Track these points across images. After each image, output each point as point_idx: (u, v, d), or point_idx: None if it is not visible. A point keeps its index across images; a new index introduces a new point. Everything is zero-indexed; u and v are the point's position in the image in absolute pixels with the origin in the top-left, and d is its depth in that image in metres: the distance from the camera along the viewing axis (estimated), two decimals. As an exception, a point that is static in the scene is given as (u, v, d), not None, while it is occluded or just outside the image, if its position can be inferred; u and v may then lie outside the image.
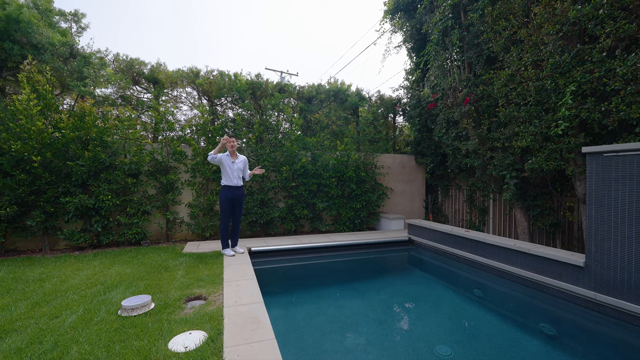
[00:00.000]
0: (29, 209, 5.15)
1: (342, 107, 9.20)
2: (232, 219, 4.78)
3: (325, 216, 7.36)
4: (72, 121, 5.27)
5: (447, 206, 8.43)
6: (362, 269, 5.67)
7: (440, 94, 6.72)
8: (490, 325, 3.51)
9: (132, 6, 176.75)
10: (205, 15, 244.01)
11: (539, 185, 5.50)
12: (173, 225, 6.22)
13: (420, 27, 7.70)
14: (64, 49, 5.96)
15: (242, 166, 4.67)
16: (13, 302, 2.98)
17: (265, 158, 6.62)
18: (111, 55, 6.99)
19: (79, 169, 5.17)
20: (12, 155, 4.87)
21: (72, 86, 6.09)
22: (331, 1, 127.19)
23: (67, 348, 2.15)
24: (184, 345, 2.16)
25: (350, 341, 3.08)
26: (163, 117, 6.18)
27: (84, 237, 5.33)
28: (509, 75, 4.93)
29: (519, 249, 4.24)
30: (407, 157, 8.62)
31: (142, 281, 3.54)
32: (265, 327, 2.45)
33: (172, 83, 7.49)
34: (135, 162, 5.65)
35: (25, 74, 5.11)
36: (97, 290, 3.25)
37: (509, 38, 5.04)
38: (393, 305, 4.17)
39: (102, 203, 5.30)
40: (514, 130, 5.03)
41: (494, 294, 4.37)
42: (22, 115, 4.88)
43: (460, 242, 5.31)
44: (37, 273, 3.90)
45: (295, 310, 3.78)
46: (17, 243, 5.33)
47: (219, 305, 2.87)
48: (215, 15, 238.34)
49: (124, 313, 2.69)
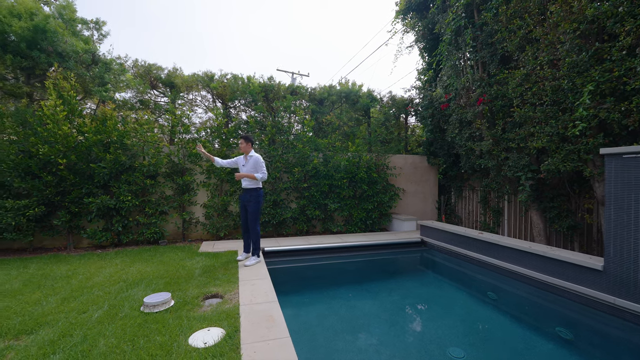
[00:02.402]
0: (55, 209, 5.42)
1: (354, 108, 9.22)
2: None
3: (337, 217, 7.41)
4: (95, 125, 5.51)
5: (460, 207, 8.33)
6: (374, 270, 5.69)
7: (453, 94, 6.65)
8: (504, 329, 3.49)
9: (144, 11, 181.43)
10: (217, 18, 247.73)
11: (556, 187, 5.38)
12: (189, 225, 6.40)
13: (432, 26, 7.64)
14: (86, 56, 6.25)
15: (251, 168, 4.28)
16: (44, 297, 3.17)
17: (278, 159, 6.73)
18: (130, 61, 7.28)
19: (101, 171, 5.41)
20: (39, 158, 5.14)
21: (94, 91, 6.37)
22: (343, 2, 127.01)
23: (95, 341, 2.29)
24: (203, 341, 2.26)
25: (363, 342, 3.13)
26: (179, 120, 6.38)
27: (106, 236, 5.56)
28: (524, 75, 4.85)
29: (535, 252, 4.17)
30: (419, 157, 8.57)
31: (162, 279, 3.69)
32: (280, 326, 2.53)
33: (188, 87, 7.71)
34: (154, 164, 5.85)
35: (52, 81, 5.38)
36: (120, 288, 3.41)
37: (524, 37, 4.96)
38: (405, 307, 4.18)
39: (123, 203, 5.52)
40: (529, 131, 4.95)
41: (508, 297, 4.32)
42: (49, 120, 5.15)
43: (473, 244, 5.26)
44: (64, 270, 4.11)
45: (307, 310, 3.85)
46: (44, 241, 5.61)
47: (235, 304, 2.97)
48: (227, 17, 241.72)
49: (146, 309, 2.82)
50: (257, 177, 4.20)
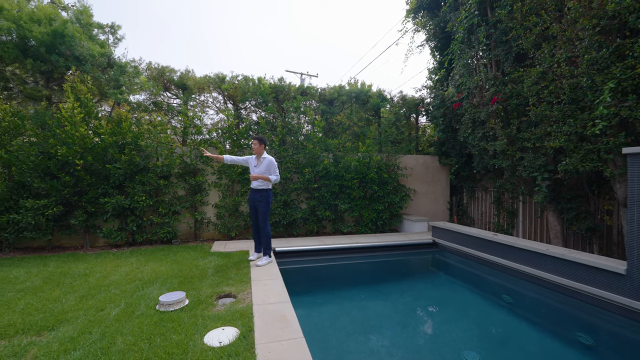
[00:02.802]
0: (72, 209, 5.56)
1: (364, 108, 9.18)
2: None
3: (347, 217, 7.38)
4: (110, 127, 5.64)
5: (472, 208, 8.19)
6: (385, 271, 5.64)
7: (465, 94, 6.55)
8: (521, 333, 3.41)
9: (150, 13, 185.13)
10: (224, 21, 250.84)
11: (574, 187, 5.23)
12: (201, 225, 6.48)
13: (444, 25, 7.54)
14: (102, 60, 6.40)
15: (264, 169, 4.29)
16: (63, 294, 3.25)
17: (288, 160, 6.75)
18: (144, 63, 7.43)
19: (116, 172, 5.52)
20: (58, 159, 5.29)
21: (110, 94, 6.52)
22: (349, 4, 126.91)
23: (113, 339, 2.33)
24: (218, 340, 2.28)
25: (375, 343, 3.10)
26: (191, 121, 6.47)
27: (121, 236, 5.68)
28: (541, 73, 4.73)
29: (552, 254, 4.06)
30: (430, 157, 8.46)
31: (176, 278, 3.74)
32: (294, 326, 2.53)
33: (200, 89, 7.82)
34: (167, 164, 5.95)
35: (70, 84, 5.53)
36: (136, 286, 3.47)
37: (540, 34, 4.85)
38: (417, 309, 4.13)
39: (137, 203, 5.63)
40: (546, 130, 4.83)
41: (525, 300, 4.22)
42: (67, 122, 5.29)
43: (487, 245, 5.16)
44: (82, 268, 4.21)
45: (319, 311, 3.84)
46: (61, 240, 5.77)
47: (248, 303, 2.98)
48: (234, 20, 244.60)
49: (161, 308, 2.86)
50: (271, 179, 4.23)
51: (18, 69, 6.16)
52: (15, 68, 6.16)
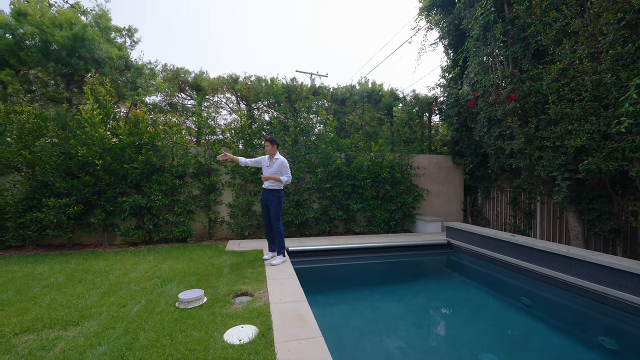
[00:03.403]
0: (91, 208, 5.72)
1: (376, 108, 9.12)
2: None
3: (360, 217, 7.35)
4: (128, 127, 5.77)
5: (487, 209, 8.03)
6: (399, 272, 5.60)
7: (481, 92, 6.42)
8: (540, 336, 3.32)
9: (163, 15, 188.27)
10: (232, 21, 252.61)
11: (596, 188, 5.07)
12: (215, 224, 6.57)
13: (458, 22, 7.42)
14: (120, 62, 6.56)
15: (275, 170, 4.32)
16: (86, 291, 3.34)
17: (301, 160, 6.77)
18: (160, 65, 7.59)
19: (134, 171, 5.65)
20: (78, 159, 5.45)
21: (127, 95, 6.68)
22: (360, 2, 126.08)
23: (136, 335, 2.38)
24: (238, 337, 2.30)
25: (390, 344, 3.08)
26: (205, 122, 6.56)
27: (138, 234, 5.81)
28: (561, 70, 4.60)
29: (574, 256, 3.94)
30: (443, 157, 8.34)
31: (193, 276, 3.79)
32: (311, 325, 2.53)
33: (214, 89, 7.92)
34: (182, 164, 6.05)
35: (90, 86, 5.68)
36: (155, 284, 3.55)
37: (560, 30, 4.71)
38: (432, 310, 4.08)
39: (153, 203, 5.74)
40: (566, 129, 4.69)
41: (544, 303, 4.11)
42: (87, 123, 5.44)
43: (504, 246, 5.05)
44: (102, 265, 4.33)
45: (332, 310, 3.84)
46: (81, 238, 5.94)
47: (265, 302, 3.00)
48: (244, 19, 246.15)
49: (181, 305, 2.91)
50: (282, 180, 4.25)
51: (40, 72, 6.38)
52: (37, 71, 6.38)
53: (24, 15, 5.74)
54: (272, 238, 4.52)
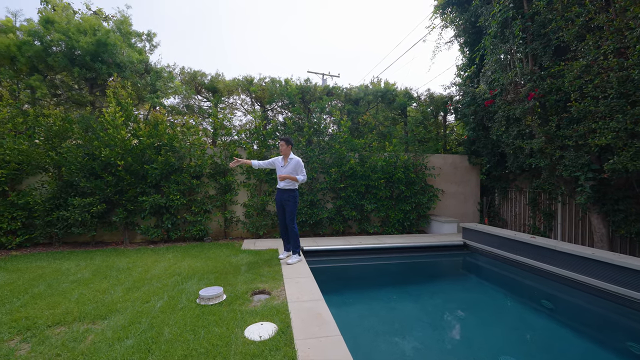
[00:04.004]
0: (113, 207, 5.92)
1: (390, 108, 9.05)
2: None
3: (374, 218, 7.32)
4: (148, 129, 5.95)
5: (505, 209, 7.85)
6: (414, 273, 5.55)
7: (498, 90, 6.29)
8: (563, 340, 3.23)
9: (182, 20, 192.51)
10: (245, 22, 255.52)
11: (622, 188, 4.88)
12: (230, 224, 6.68)
13: (475, 20, 7.29)
14: (140, 66, 6.78)
15: (291, 169, 4.35)
16: (111, 286, 3.47)
17: (315, 160, 6.80)
18: (177, 69, 7.80)
19: (153, 172, 5.82)
20: (101, 160, 5.65)
21: (147, 98, 6.89)
22: (372, 3, 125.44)
23: (160, 329, 2.46)
24: (258, 334, 2.35)
25: (406, 345, 3.06)
26: (221, 123, 6.69)
27: (157, 232, 5.97)
28: (584, 66, 4.46)
29: (599, 259, 3.81)
30: (459, 157, 8.21)
31: (212, 274, 3.88)
32: (330, 324, 2.55)
33: (229, 91, 8.06)
34: (199, 165, 6.19)
35: (112, 90, 5.89)
36: (176, 281, 3.65)
37: (583, 25, 4.57)
38: (449, 311, 4.03)
39: (172, 202, 5.90)
40: (589, 127, 4.54)
41: (567, 306, 4.00)
42: (110, 125, 5.64)
43: (524, 248, 4.93)
44: (125, 263, 4.48)
45: (348, 310, 3.84)
46: (104, 236, 6.16)
47: (282, 300, 3.04)
48: (256, 21, 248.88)
49: (201, 302, 2.99)
50: (298, 179, 4.28)
51: (66, 76, 6.66)
52: (63, 76, 6.66)
53: (51, 23, 6.01)
54: (288, 237, 4.56)
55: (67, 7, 6.59)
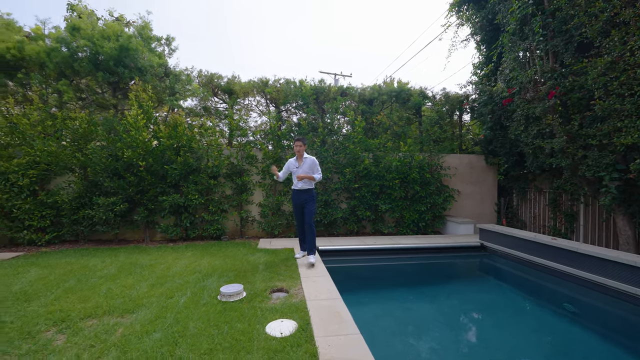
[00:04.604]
0: (135, 206, 6.13)
1: (404, 107, 8.99)
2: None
3: (388, 218, 7.30)
4: (168, 131, 6.13)
5: (523, 210, 7.66)
6: (430, 274, 5.50)
7: (517, 88, 6.15)
8: (586, 344, 3.16)
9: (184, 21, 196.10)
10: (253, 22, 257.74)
11: (649, 189, 4.69)
12: (246, 223, 6.80)
13: (492, 17, 7.16)
14: (160, 70, 7.01)
15: (307, 169, 4.37)
16: (136, 282, 3.62)
17: (329, 160, 6.84)
18: (195, 71, 8.00)
19: (173, 172, 5.99)
20: (124, 161, 5.86)
21: (166, 101, 7.11)
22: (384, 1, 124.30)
23: (186, 324, 2.56)
24: (279, 331, 2.41)
25: (423, 345, 3.07)
26: (237, 124, 6.83)
27: (176, 231, 6.15)
28: (609, 63, 4.32)
29: (625, 262, 3.69)
30: (475, 157, 8.07)
31: (231, 272, 3.98)
32: (349, 322, 2.59)
33: (245, 93, 8.22)
34: (216, 165, 6.34)
35: (134, 93, 6.11)
36: (197, 278, 3.76)
37: (608, 20, 4.42)
38: (466, 312, 3.99)
39: (190, 202, 6.06)
40: (615, 125, 4.39)
41: (589, 310, 3.89)
42: (132, 127, 5.85)
43: (544, 250, 4.82)
44: (147, 260, 4.65)
45: (364, 309, 3.86)
46: (126, 234, 6.39)
47: (301, 299, 3.10)
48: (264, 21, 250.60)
49: (222, 298, 3.08)
50: (315, 178, 4.32)
51: (90, 81, 6.94)
52: (88, 80, 6.95)
53: (77, 30, 6.29)
54: (304, 237, 4.59)
55: (91, 13, 6.87)
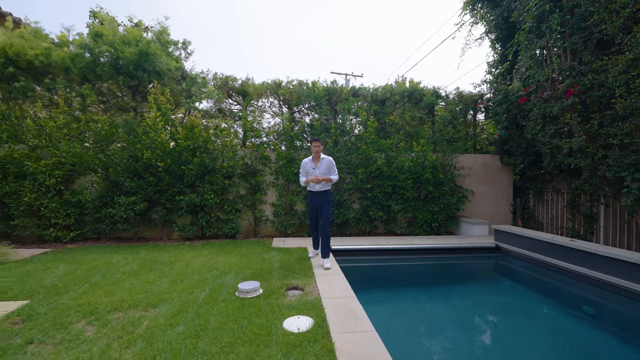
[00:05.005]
0: (154, 205, 6.34)
1: (417, 107, 8.94)
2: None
3: (400, 218, 7.28)
4: (185, 132, 6.32)
5: (540, 211, 7.51)
6: (443, 274, 5.48)
7: (533, 87, 6.05)
8: (606, 347, 3.10)
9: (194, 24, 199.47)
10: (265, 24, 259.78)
11: (674, 189, 4.54)
12: (259, 222, 6.93)
13: (507, 15, 7.05)
14: (177, 73, 7.21)
15: (325, 170, 4.35)
16: (157, 278, 3.77)
17: (342, 160, 6.88)
18: (210, 74, 8.20)
19: (189, 172, 6.17)
20: (143, 162, 6.08)
21: (183, 103, 7.31)
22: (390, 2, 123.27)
23: (207, 318, 2.67)
24: (296, 326, 2.48)
25: (437, 345, 3.08)
26: (251, 125, 6.95)
27: (192, 230, 6.33)
28: (632, 60, 4.21)
29: (647, 264, 3.60)
30: (490, 157, 7.95)
31: (247, 270, 4.09)
32: (364, 320, 2.64)
33: (258, 94, 8.37)
34: (231, 165, 6.49)
35: (153, 96, 6.32)
36: (214, 275, 3.89)
37: (630, 17, 4.31)
38: (480, 314, 3.97)
39: (206, 201, 6.22)
40: (637, 124, 4.27)
41: (610, 313, 3.81)
42: (151, 129, 6.06)
43: (562, 252, 4.73)
44: (166, 257, 4.81)
45: (377, 308, 3.89)
46: (144, 232, 6.61)
47: (316, 296, 3.16)
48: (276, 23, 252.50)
49: (240, 295, 3.18)
50: (333, 179, 4.35)
51: (111, 85, 7.21)
52: (109, 84, 7.22)
53: (99, 36, 6.56)
54: (318, 237, 4.65)
55: (112, 20, 7.14)
